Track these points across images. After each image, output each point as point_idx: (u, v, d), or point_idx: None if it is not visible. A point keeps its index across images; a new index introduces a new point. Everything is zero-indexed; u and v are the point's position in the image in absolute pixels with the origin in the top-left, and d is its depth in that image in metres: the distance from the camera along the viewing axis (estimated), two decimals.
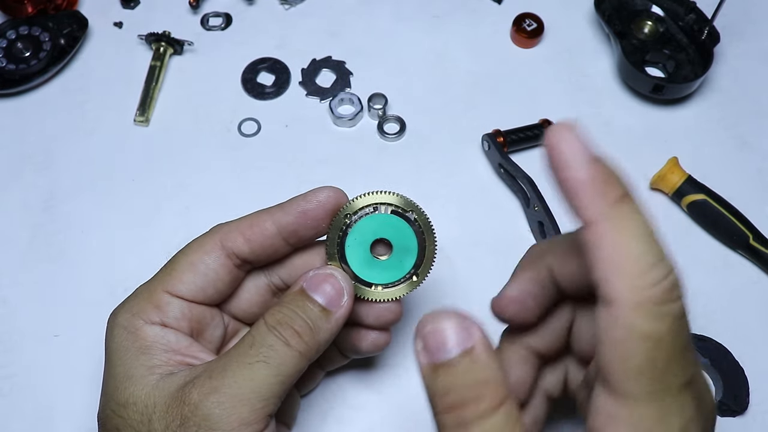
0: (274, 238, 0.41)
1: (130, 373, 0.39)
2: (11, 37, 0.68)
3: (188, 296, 0.41)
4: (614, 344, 0.28)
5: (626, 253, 0.28)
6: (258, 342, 0.37)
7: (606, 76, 0.70)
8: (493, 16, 0.74)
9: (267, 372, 0.37)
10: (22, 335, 0.56)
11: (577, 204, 0.29)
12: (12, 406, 0.53)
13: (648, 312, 0.27)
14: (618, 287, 0.28)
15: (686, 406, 0.29)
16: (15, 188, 0.63)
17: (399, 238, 0.43)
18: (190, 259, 0.41)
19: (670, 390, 0.28)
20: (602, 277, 0.28)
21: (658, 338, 0.27)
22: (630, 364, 0.28)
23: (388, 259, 0.43)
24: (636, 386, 0.28)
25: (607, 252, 0.28)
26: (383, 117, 0.66)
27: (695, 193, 0.60)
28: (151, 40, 0.69)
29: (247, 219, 0.42)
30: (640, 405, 0.28)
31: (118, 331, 0.40)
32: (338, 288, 0.40)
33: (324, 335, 0.39)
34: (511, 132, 0.63)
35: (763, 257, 0.58)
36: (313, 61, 0.70)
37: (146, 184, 0.63)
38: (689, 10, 0.68)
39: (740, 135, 0.66)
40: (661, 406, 0.28)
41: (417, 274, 0.43)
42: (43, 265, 0.59)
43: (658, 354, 0.27)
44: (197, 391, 0.36)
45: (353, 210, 0.42)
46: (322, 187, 0.42)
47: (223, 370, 0.37)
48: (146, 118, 0.66)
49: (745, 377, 0.53)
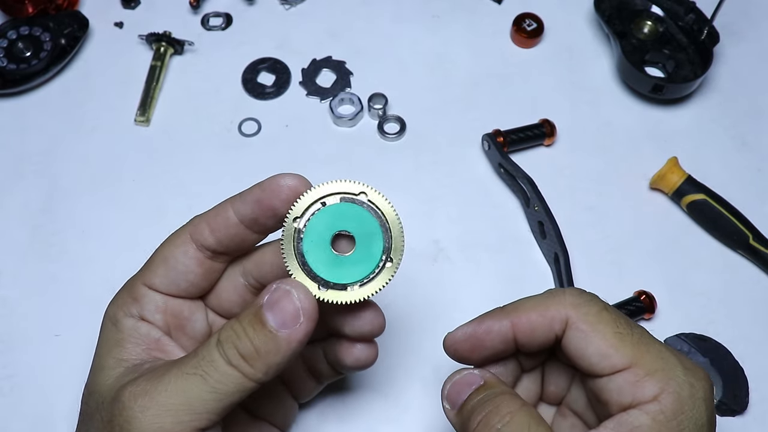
0: (237, 227, 0.40)
1: (102, 363, 0.39)
2: (12, 37, 0.68)
3: (162, 289, 0.41)
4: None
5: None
6: (201, 354, 0.36)
7: (606, 76, 0.70)
8: (493, 16, 0.74)
9: (202, 387, 0.35)
10: (22, 335, 0.56)
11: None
12: (12, 406, 0.53)
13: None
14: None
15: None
16: (15, 188, 0.63)
17: (358, 226, 0.39)
18: (163, 252, 0.41)
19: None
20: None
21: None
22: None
23: (354, 252, 0.39)
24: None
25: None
26: (383, 117, 0.66)
27: (695, 193, 0.60)
28: (152, 40, 0.70)
29: (214, 209, 0.41)
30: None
31: (105, 321, 0.41)
32: (294, 307, 0.36)
33: (274, 359, 0.36)
34: (511, 132, 0.63)
35: (762, 257, 0.58)
36: (314, 61, 0.70)
37: (147, 184, 0.63)
38: (689, 10, 0.68)
39: (740, 135, 0.66)
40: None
41: (390, 258, 0.39)
42: (43, 265, 0.59)
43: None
44: (130, 391, 0.36)
45: (300, 212, 0.38)
46: (279, 175, 0.40)
47: (161, 376, 0.36)
48: (147, 118, 0.66)
49: (744, 377, 0.53)
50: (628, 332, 0.36)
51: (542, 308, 0.38)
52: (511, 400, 0.37)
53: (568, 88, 0.69)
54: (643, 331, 0.37)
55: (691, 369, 0.36)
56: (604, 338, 0.36)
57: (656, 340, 0.37)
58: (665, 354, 0.36)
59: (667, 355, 0.36)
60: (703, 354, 0.53)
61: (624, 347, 0.35)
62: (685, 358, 0.37)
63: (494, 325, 0.39)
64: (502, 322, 0.39)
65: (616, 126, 0.67)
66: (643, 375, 0.35)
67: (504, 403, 0.36)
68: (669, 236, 0.61)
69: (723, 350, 0.54)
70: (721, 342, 0.54)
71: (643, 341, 0.36)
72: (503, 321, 0.39)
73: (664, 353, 0.36)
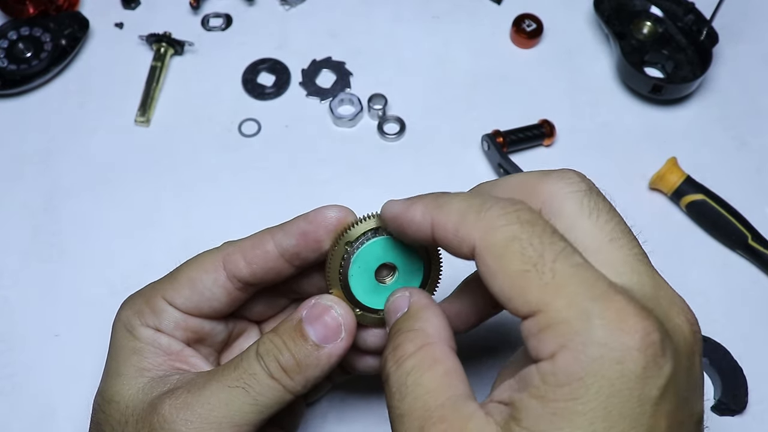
0: (277, 261, 0.39)
1: (120, 370, 0.39)
2: (12, 38, 0.68)
3: (183, 309, 0.40)
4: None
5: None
6: (243, 367, 0.36)
7: (605, 77, 0.70)
8: (492, 16, 0.74)
9: (244, 399, 0.35)
10: (22, 335, 0.56)
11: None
12: (12, 406, 0.53)
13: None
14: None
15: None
16: (15, 188, 0.63)
17: (403, 259, 0.39)
18: (191, 273, 0.40)
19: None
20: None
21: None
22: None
23: (393, 281, 0.40)
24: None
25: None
26: (383, 117, 0.67)
27: (694, 193, 0.60)
28: (152, 41, 0.70)
29: (250, 239, 0.40)
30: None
31: (119, 326, 0.40)
32: (336, 323, 0.37)
33: (313, 372, 0.36)
34: (511, 132, 0.64)
35: (761, 257, 0.58)
36: (314, 62, 0.70)
37: (147, 185, 0.63)
38: (688, 10, 0.68)
39: (739, 135, 0.66)
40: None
41: (426, 290, 0.40)
42: (44, 264, 0.59)
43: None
44: (169, 404, 0.35)
45: (354, 237, 0.38)
46: (326, 207, 0.38)
47: (202, 388, 0.36)
48: (147, 118, 0.66)
49: (743, 376, 0.53)
50: (539, 269, 0.28)
51: (456, 222, 0.31)
52: (415, 338, 0.33)
53: (567, 89, 0.69)
54: (572, 265, 0.28)
55: (621, 323, 0.27)
56: (508, 277, 0.29)
57: (592, 275, 0.28)
58: (581, 299, 0.27)
59: (582, 300, 0.27)
60: (702, 354, 0.53)
61: (529, 290, 0.28)
62: (627, 306, 0.27)
63: (416, 216, 0.33)
64: (425, 217, 0.33)
65: (615, 126, 0.67)
66: (544, 326, 0.28)
67: (405, 343, 0.33)
68: (668, 236, 0.61)
69: (722, 350, 0.54)
70: (719, 342, 0.54)
71: (562, 280, 0.28)
72: (426, 216, 0.33)
73: (579, 297, 0.27)
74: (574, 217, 0.32)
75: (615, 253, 0.31)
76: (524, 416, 0.28)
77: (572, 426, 0.26)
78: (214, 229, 0.56)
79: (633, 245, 0.32)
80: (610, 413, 0.26)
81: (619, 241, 0.31)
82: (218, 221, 0.61)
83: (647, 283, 0.31)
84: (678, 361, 0.28)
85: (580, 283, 0.28)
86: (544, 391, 0.27)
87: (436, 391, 0.31)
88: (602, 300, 0.27)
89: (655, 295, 0.30)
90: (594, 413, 0.26)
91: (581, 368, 0.26)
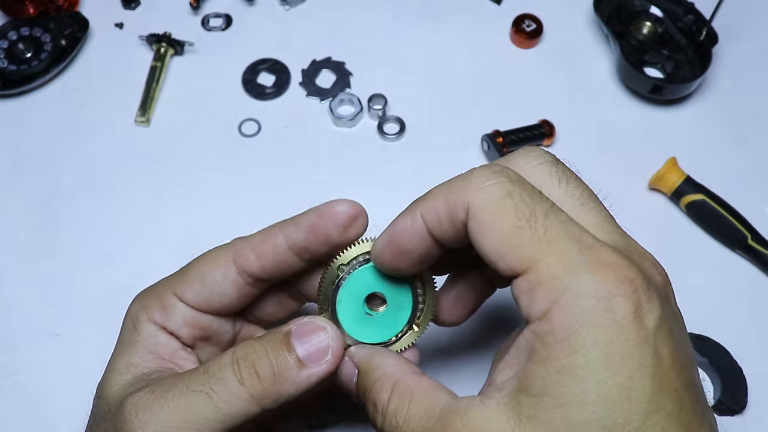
0: (286, 254, 0.38)
1: (114, 364, 0.39)
2: (12, 38, 0.68)
3: (194, 305, 0.40)
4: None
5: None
6: (212, 371, 0.35)
7: (605, 77, 0.70)
8: (492, 16, 0.74)
9: (205, 406, 0.34)
10: (23, 335, 0.56)
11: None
12: (12, 406, 0.53)
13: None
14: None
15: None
16: (15, 188, 0.63)
17: (394, 294, 0.38)
18: (201, 268, 0.39)
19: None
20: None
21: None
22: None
23: (382, 315, 0.39)
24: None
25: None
26: (383, 117, 0.67)
27: (694, 194, 0.60)
28: (152, 41, 0.70)
29: (260, 234, 0.39)
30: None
31: (127, 320, 0.40)
32: (325, 344, 0.36)
33: (288, 388, 0.35)
34: (511, 132, 0.64)
35: (761, 257, 0.58)
36: (313, 62, 0.70)
37: (147, 184, 0.63)
38: (688, 10, 0.68)
39: (739, 135, 0.66)
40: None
41: (413, 326, 0.39)
42: (44, 264, 0.59)
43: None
44: (131, 403, 0.34)
45: (346, 260, 0.38)
46: (336, 201, 0.38)
47: (166, 390, 0.35)
48: (147, 118, 0.66)
49: (743, 376, 0.53)
50: (532, 225, 0.28)
51: (446, 193, 0.32)
52: (383, 385, 0.34)
53: (567, 89, 0.69)
54: (560, 221, 0.29)
55: (607, 273, 0.27)
56: (501, 233, 0.29)
57: (578, 230, 0.29)
58: (569, 254, 0.28)
59: (570, 255, 0.28)
60: (702, 354, 0.53)
61: (521, 245, 0.28)
62: (611, 256, 0.28)
63: (407, 222, 0.33)
64: (415, 216, 0.33)
65: (615, 126, 0.67)
66: (536, 283, 0.28)
67: (378, 394, 0.34)
68: (668, 236, 0.61)
69: (721, 350, 0.54)
70: (719, 342, 0.54)
71: (552, 236, 0.28)
72: (415, 214, 0.33)
73: (567, 253, 0.28)
74: (545, 186, 0.32)
75: (587, 216, 0.32)
76: (531, 384, 0.28)
77: (577, 380, 0.27)
78: (214, 229, 0.56)
79: (601, 208, 0.33)
80: (612, 360, 0.26)
81: (589, 205, 0.33)
82: (218, 221, 0.61)
83: (620, 240, 0.32)
84: (662, 303, 0.29)
85: (568, 237, 0.28)
86: (546, 353, 0.27)
87: (426, 412, 0.31)
88: (589, 253, 0.28)
89: (629, 251, 0.31)
90: (596, 363, 0.26)
91: (575, 321, 0.27)
